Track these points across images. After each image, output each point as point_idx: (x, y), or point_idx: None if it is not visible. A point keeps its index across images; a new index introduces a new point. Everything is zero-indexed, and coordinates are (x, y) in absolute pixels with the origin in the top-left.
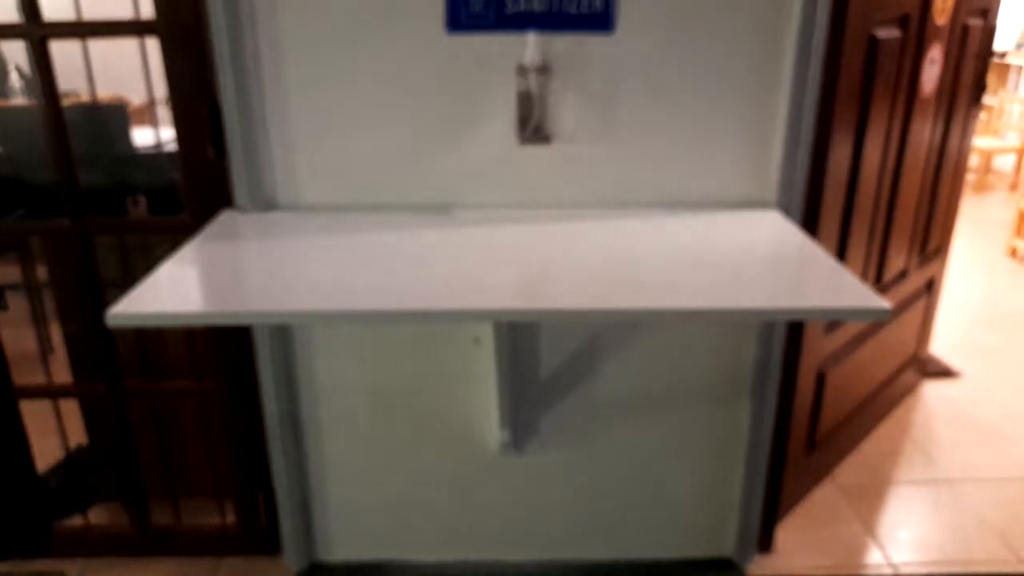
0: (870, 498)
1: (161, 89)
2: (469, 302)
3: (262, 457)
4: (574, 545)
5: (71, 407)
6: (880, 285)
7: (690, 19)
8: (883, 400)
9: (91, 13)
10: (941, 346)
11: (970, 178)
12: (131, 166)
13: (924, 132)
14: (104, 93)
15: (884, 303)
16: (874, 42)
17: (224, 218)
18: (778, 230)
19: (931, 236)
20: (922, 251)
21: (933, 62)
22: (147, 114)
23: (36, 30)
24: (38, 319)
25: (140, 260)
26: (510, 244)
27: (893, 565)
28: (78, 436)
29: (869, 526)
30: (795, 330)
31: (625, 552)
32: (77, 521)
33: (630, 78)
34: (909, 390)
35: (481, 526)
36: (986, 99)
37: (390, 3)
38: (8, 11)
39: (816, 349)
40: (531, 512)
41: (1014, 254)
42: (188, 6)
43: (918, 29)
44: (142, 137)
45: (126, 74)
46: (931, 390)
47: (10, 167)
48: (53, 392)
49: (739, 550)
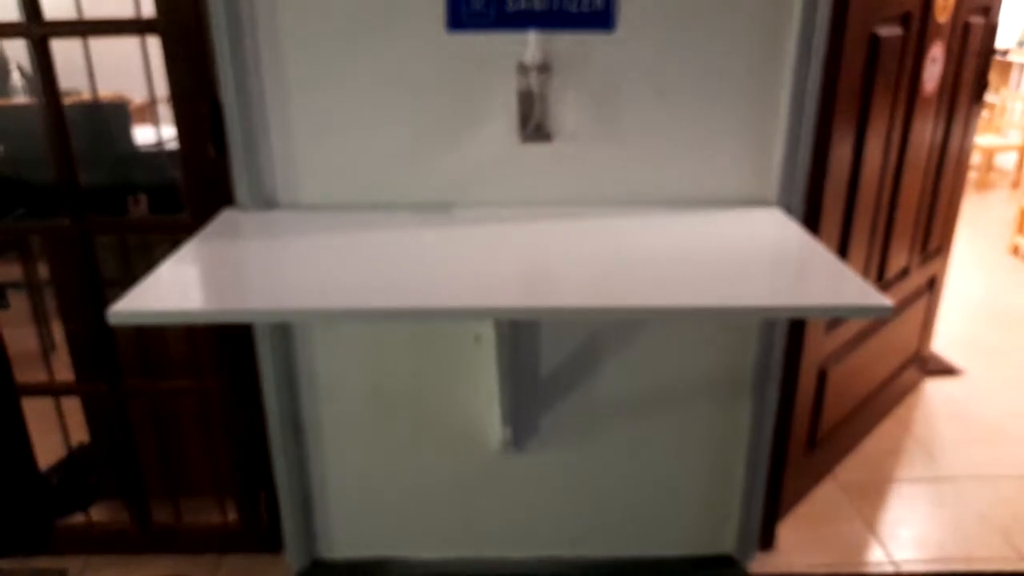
0: (871, 496)
1: (162, 87)
2: (470, 300)
3: (263, 455)
4: (575, 543)
5: (73, 405)
6: (882, 283)
7: (691, 17)
8: (884, 398)
9: (92, 12)
10: (943, 344)
11: (972, 176)
12: (132, 165)
13: (925, 130)
14: (105, 91)
15: (886, 300)
16: (875, 40)
17: (225, 217)
18: (779, 228)
19: (933, 234)
20: (924, 249)
21: (934, 60)
22: (148, 112)
23: (37, 29)
24: (39, 317)
25: (141, 259)
26: (511, 242)
27: (894, 563)
28: (80, 434)
29: (870, 524)
30: (796, 328)
31: (626, 550)
32: (79, 519)
33: (631, 76)
34: (910, 388)
35: (482, 524)
36: (988, 97)
37: (391, 1)
38: (9, 10)
39: (817, 347)
40: (532, 510)
41: (1016, 252)
42: (189, 5)
43: (919, 27)
44: (143, 135)
45: (127, 72)
46: (932, 388)
47: (11, 166)
48: (54, 390)
49: (740, 548)
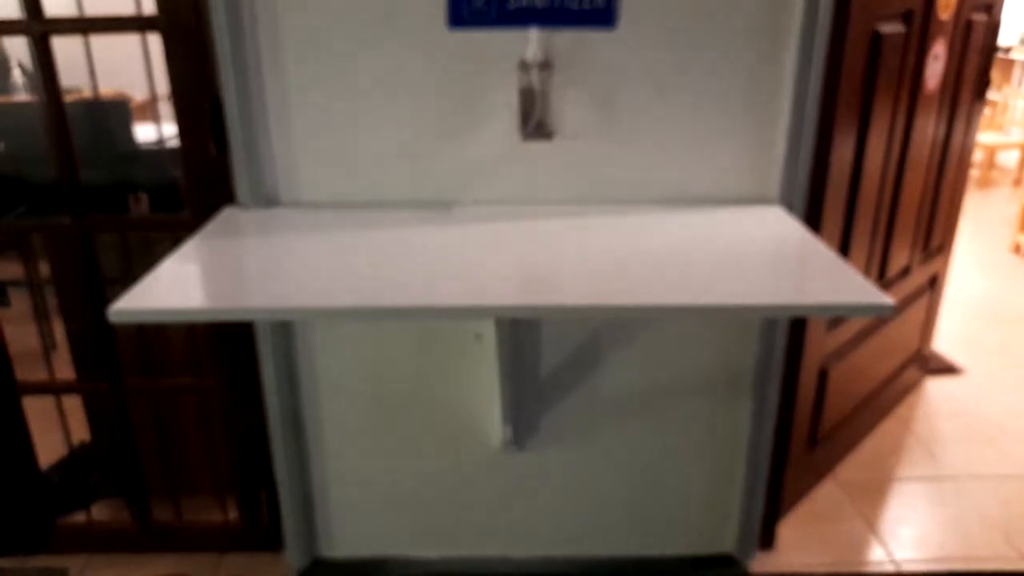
0: (872, 495)
1: (163, 85)
2: (471, 298)
3: (264, 453)
4: (575, 541)
5: (75, 403)
6: (883, 281)
7: (692, 14)
8: (885, 397)
9: (93, 9)
10: (944, 343)
11: (974, 174)
12: (133, 163)
13: (927, 128)
14: (106, 89)
15: (887, 299)
16: (877, 37)
17: (226, 215)
18: (781, 226)
19: (934, 232)
20: (925, 247)
21: (937, 57)
22: (149, 110)
23: (38, 26)
24: (40, 316)
25: (142, 257)
26: (512, 240)
27: (895, 562)
28: (81, 433)
29: (871, 523)
30: (797, 327)
31: (626, 549)
32: (79, 517)
33: (632, 74)
34: (912, 387)
35: (483, 522)
36: (990, 95)
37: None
38: (10, 7)
39: (818, 346)
40: (533, 508)
41: (1018, 250)
42: (190, 2)
43: (922, 24)
44: (144, 133)
45: (128, 70)
46: (934, 387)
47: (12, 164)
48: (55, 388)
49: (741, 547)
